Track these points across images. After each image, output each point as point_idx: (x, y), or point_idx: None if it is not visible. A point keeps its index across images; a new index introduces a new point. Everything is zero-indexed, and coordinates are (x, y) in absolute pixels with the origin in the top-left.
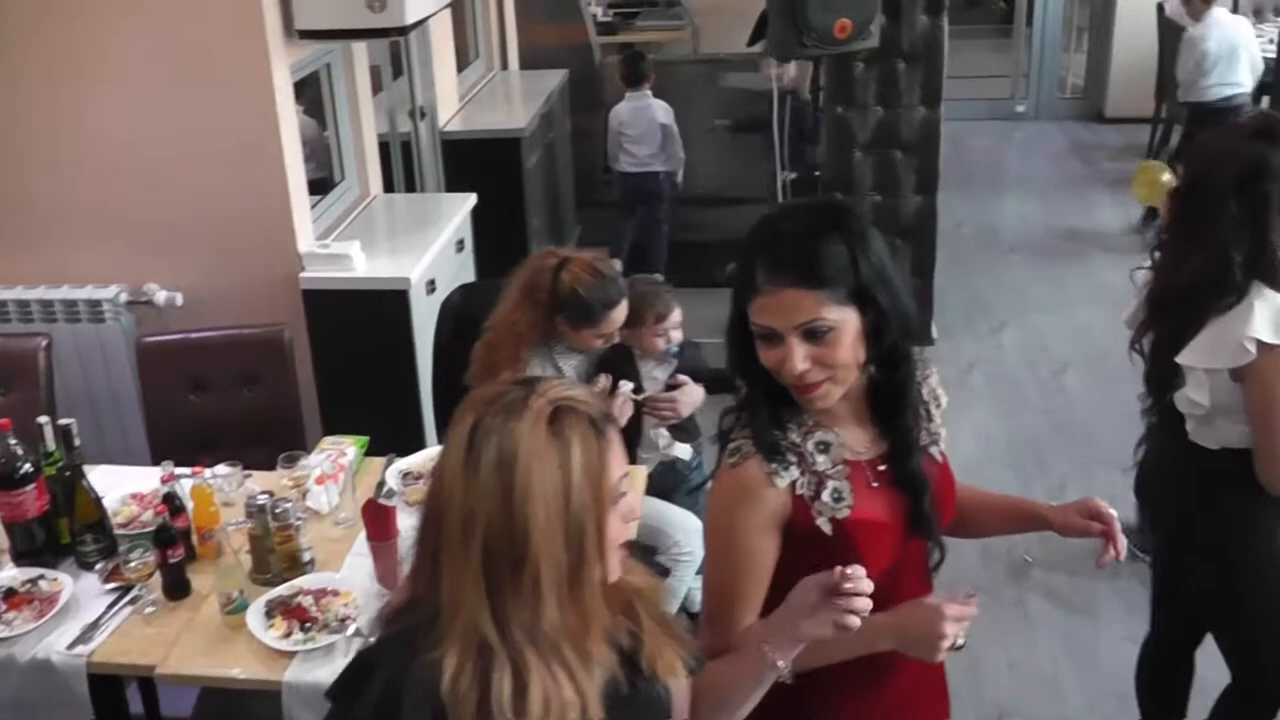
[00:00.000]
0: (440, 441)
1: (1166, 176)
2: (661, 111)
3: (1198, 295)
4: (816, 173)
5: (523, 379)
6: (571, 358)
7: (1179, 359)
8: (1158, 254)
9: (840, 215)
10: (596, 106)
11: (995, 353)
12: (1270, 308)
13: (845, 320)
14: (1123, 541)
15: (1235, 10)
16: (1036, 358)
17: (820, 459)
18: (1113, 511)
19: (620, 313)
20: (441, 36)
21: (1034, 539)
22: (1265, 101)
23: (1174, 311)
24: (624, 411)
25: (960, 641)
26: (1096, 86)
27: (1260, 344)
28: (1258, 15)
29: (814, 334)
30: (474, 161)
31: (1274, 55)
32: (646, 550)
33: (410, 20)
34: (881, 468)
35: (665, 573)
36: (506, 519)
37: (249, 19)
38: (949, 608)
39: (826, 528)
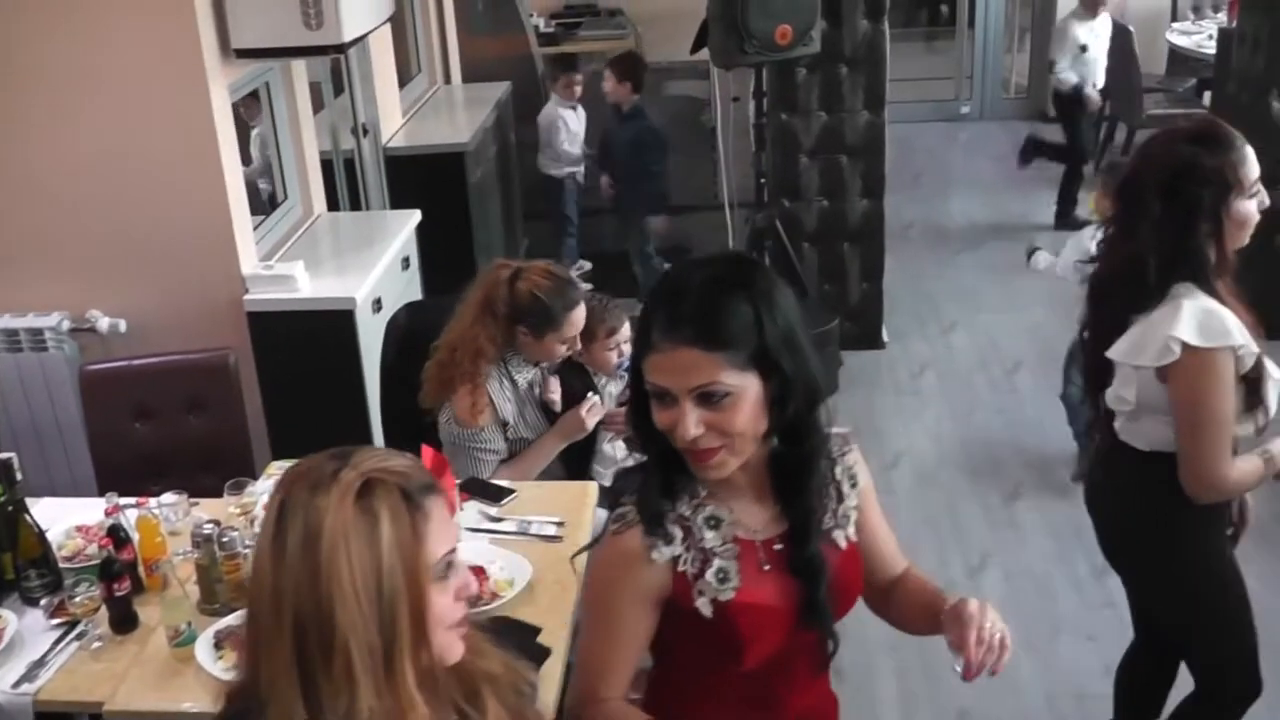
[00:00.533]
0: None
1: None
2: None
3: (1121, 291)
4: (762, 179)
5: (338, 451)
6: (526, 370)
7: (1108, 353)
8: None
9: (748, 272)
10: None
11: (947, 353)
12: (1199, 309)
13: (745, 386)
14: (978, 656)
15: (1174, 8)
16: (988, 357)
17: (709, 535)
18: (979, 618)
19: (581, 314)
20: (382, 52)
21: (996, 538)
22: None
23: (1103, 306)
24: (592, 418)
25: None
26: (1040, 86)
27: (1184, 345)
28: (1196, 13)
29: (710, 398)
30: (418, 177)
31: (1211, 52)
32: None
33: (349, 37)
34: (777, 548)
35: None
36: (314, 601)
37: (184, 39)
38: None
39: (706, 609)
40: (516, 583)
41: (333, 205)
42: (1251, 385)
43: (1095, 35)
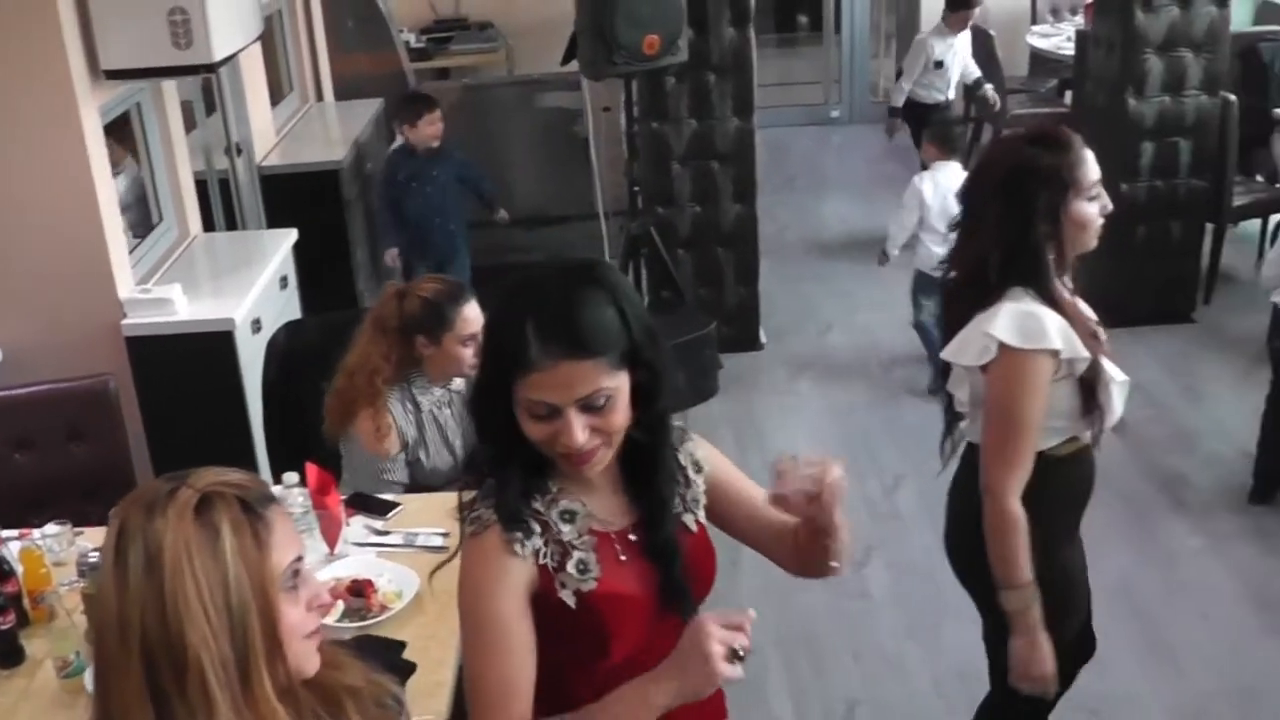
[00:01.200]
0: (275, 483)
1: None
2: None
3: (966, 292)
4: (635, 187)
5: (172, 474)
6: (431, 391)
7: (942, 354)
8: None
9: (600, 273)
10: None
11: (824, 353)
12: (1018, 310)
13: (620, 385)
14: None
15: (1034, 11)
16: (866, 355)
17: (565, 529)
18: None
19: (474, 311)
20: (253, 71)
21: (879, 530)
22: None
23: (952, 307)
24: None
25: (742, 647)
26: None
27: (1001, 345)
28: (1055, 15)
29: (593, 404)
30: (294, 196)
31: (1070, 53)
32: None
33: (219, 56)
34: (632, 538)
35: None
36: (161, 623)
37: (52, 61)
38: (708, 621)
39: (570, 600)
40: (405, 594)
41: (209, 226)
42: (1087, 389)
43: (953, 51)
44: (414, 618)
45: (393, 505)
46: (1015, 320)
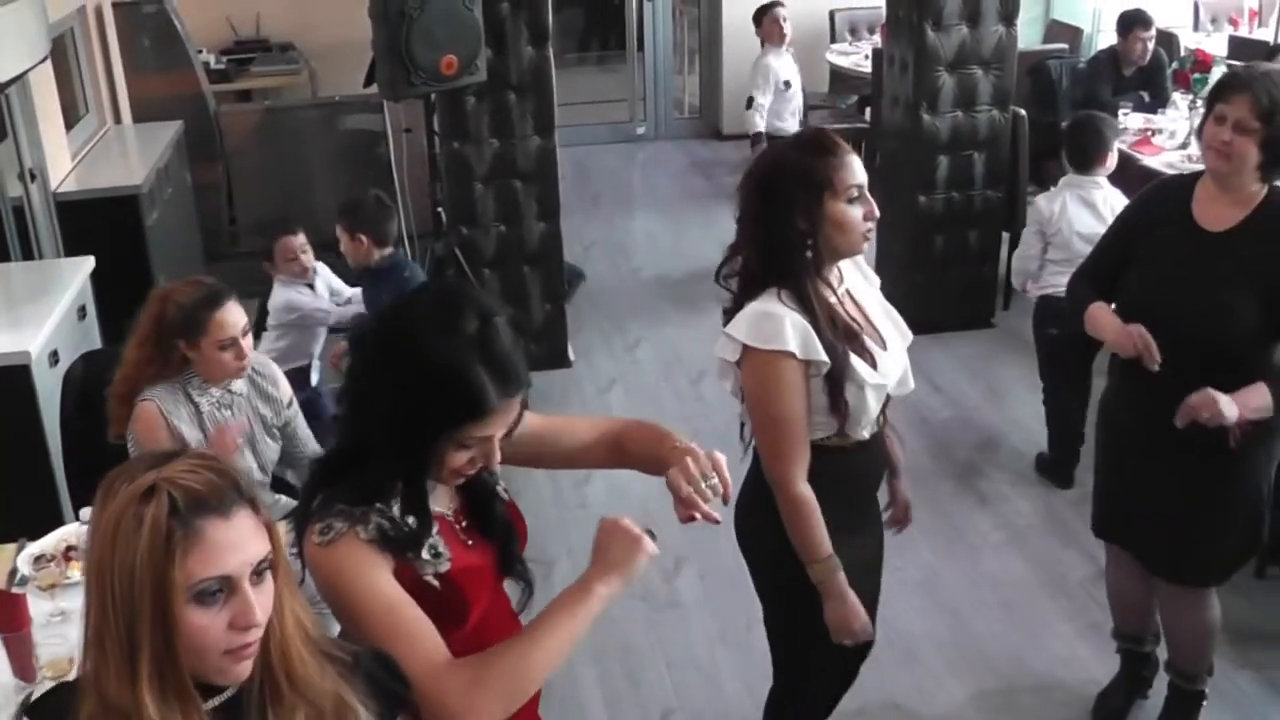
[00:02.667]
0: (76, 518)
1: None
2: None
3: (739, 294)
4: (439, 208)
5: (169, 451)
6: (209, 392)
7: (714, 349)
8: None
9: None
10: (215, 157)
11: (632, 368)
12: (758, 311)
13: None
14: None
15: (833, 30)
16: (673, 369)
17: (410, 519)
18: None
19: (232, 314)
20: (45, 92)
21: (690, 540)
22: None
23: (731, 307)
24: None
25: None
26: (711, 105)
27: (744, 345)
28: (853, 34)
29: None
30: (92, 223)
31: (868, 71)
32: None
33: (3, 77)
34: (464, 523)
35: None
36: (99, 590)
37: None
38: (615, 521)
39: (435, 582)
40: None
41: (1, 256)
42: (833, 387)
43: (795, 71)
44: None
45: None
46: (753, 321)
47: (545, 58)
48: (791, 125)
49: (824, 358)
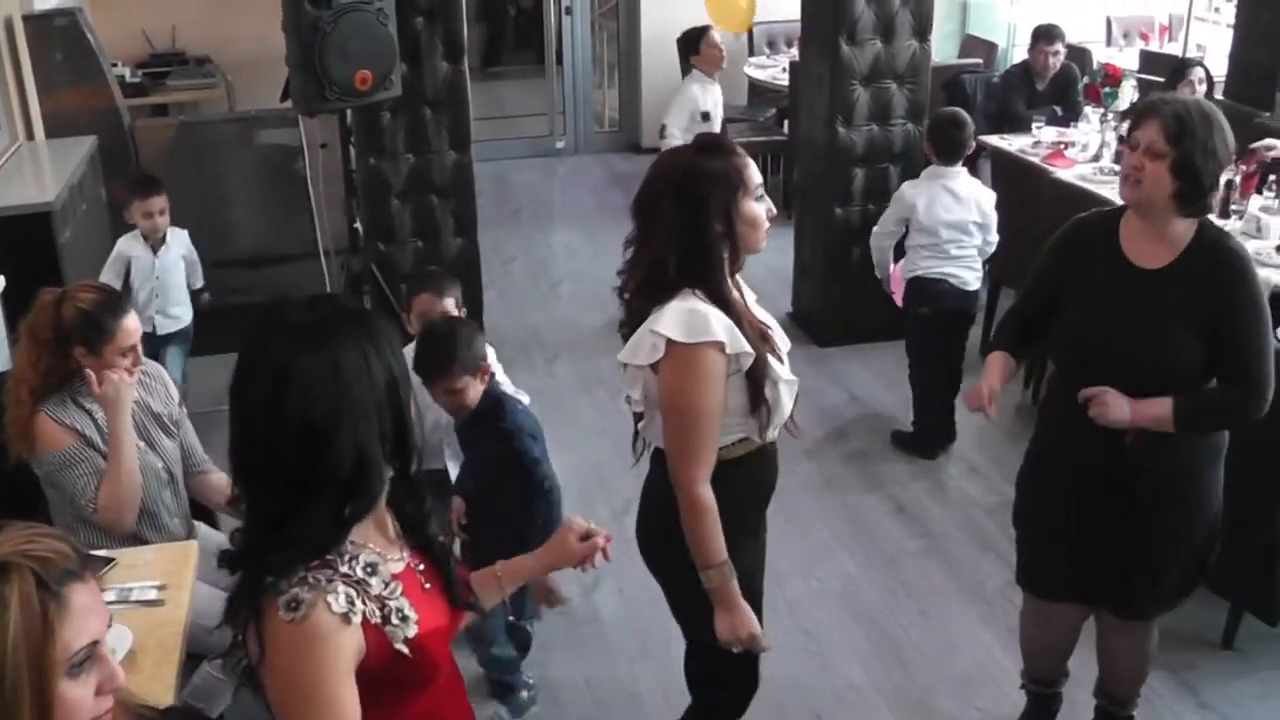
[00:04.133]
0: None
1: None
2: None
3: (645, 300)
4: (355, 223)
5: None
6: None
7: (619, 355)
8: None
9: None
10: (130, 173)
11: (551, 383)
12: (683, 308)
13: None
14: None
15: (750, 43)
16: (591, 384)
17: (374, 581)
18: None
19: (134, 323)
20: None
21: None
22: None
23: (629, 311)
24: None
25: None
26: (631, 119)
27: (669, 341)
28: (771, 47)
29: None
30: (2, 241)
31: (786, 84)
32: None
33: None
34: (420, 566)
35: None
36: None
37: None
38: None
39: (404, 649)
40: (118, 651)
41: None
42: (754, 385)
43: (715, 102)
44: (128, 676)
45: (105, 561)
46: (680, 317)
47: (461, 72)
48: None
49: (749, 350)
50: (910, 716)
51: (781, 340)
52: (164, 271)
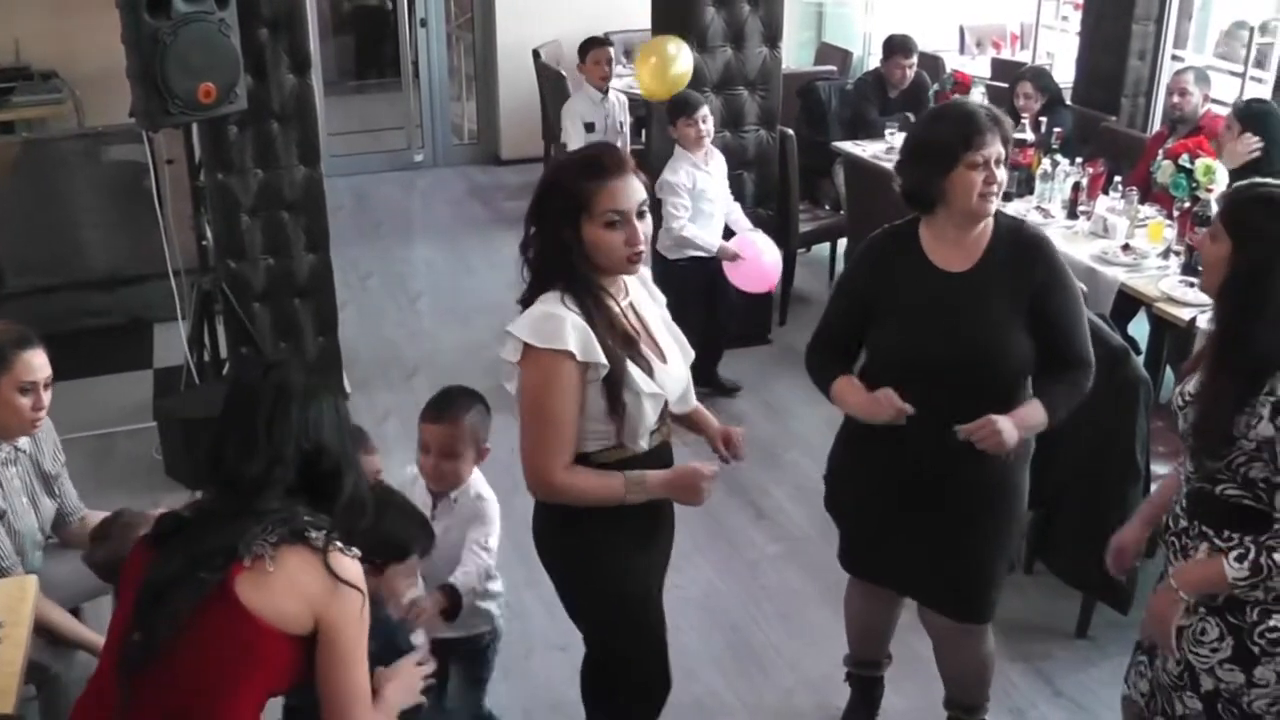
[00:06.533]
0: None
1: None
2: None
3: (529, 290)
4: (204, 241)
5: None
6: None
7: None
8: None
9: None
10: None
11: (410, 399)
12: (540, 312)
13: None
14: None
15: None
16: None
17: None
18: None
19: (38, 355)
20: None
21: None
22: None
23: (524, 307)
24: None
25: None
26: (489, 131)
27: (525, 344)
28: (628, 56)
29: None
30: None
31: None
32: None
33: None
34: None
35: None
36: None
37: None
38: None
39: None
40: None
41: None
42: (611, 393)
43: (607, 115)
44: None
45: None
46: (534, 321)
47: (308, 85)
48: None
49: (603, 360)
50: None
51: (670, 348)
52: None
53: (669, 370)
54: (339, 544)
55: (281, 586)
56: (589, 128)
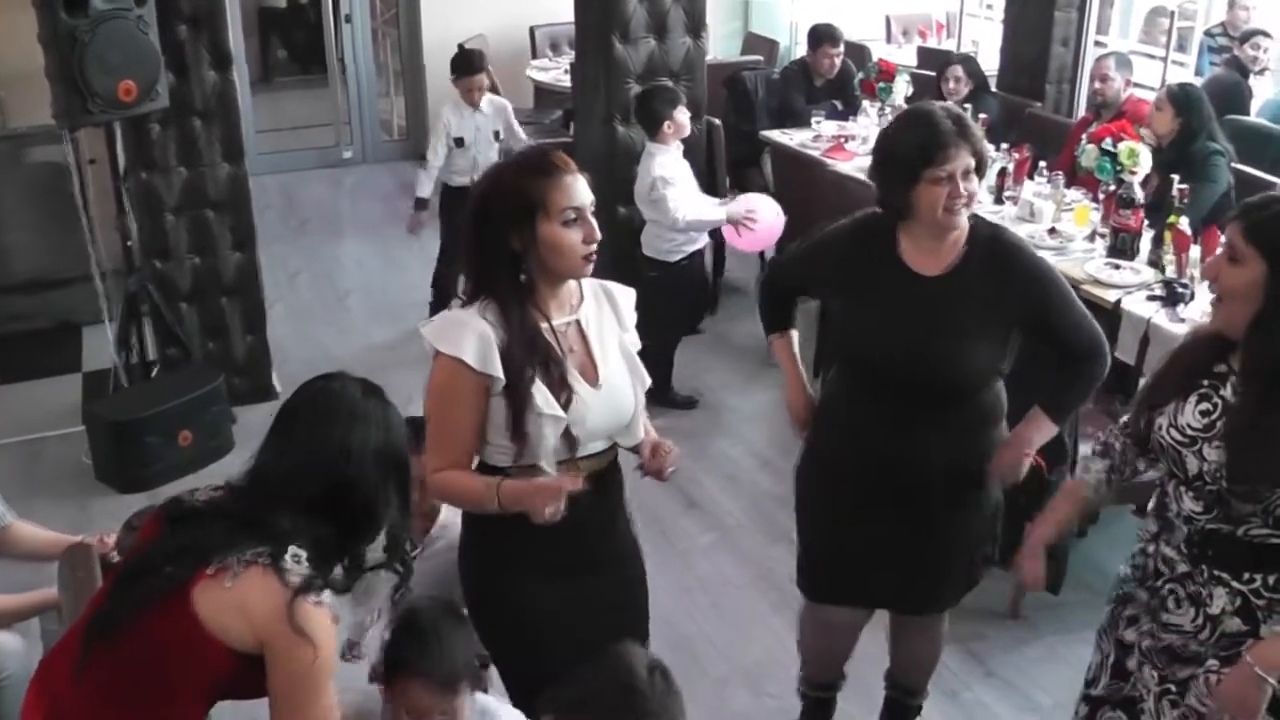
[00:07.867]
0: None
1: None
2: None
3: (467, 297)
4: (129, 242)
5: None
6: None
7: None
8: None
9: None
10: None
11: None
12: (452, 317)
13: None
14: None
15: (533, 46)
16: None
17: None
18: None
19: None
20: None
21: None
22: None
23: None
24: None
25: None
26: (418, 127)
27: (434, 345)
28: (554, 50)
29: None
30: None
31: (569, 85)
32: None
33: None
34: None
35: None
36: None
37: None
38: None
39: None
40: None
41: None
42: (513, 409)
43: (477, 129)
44: None
45: None
46: (442, 323)
47: (230, 82)
48: (461, 180)
49: (499, 374)
50: (703, 711)
51: (614, 376)
52: None
53: (598, 396)
54: (318, 594)
55: (232, 603)
56: (458, 142)
